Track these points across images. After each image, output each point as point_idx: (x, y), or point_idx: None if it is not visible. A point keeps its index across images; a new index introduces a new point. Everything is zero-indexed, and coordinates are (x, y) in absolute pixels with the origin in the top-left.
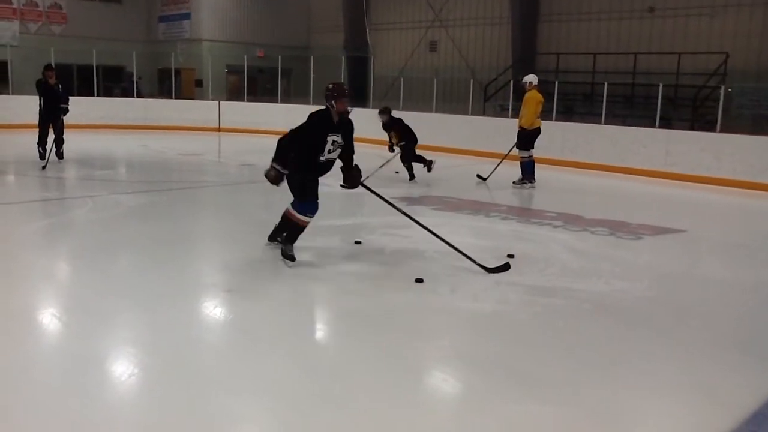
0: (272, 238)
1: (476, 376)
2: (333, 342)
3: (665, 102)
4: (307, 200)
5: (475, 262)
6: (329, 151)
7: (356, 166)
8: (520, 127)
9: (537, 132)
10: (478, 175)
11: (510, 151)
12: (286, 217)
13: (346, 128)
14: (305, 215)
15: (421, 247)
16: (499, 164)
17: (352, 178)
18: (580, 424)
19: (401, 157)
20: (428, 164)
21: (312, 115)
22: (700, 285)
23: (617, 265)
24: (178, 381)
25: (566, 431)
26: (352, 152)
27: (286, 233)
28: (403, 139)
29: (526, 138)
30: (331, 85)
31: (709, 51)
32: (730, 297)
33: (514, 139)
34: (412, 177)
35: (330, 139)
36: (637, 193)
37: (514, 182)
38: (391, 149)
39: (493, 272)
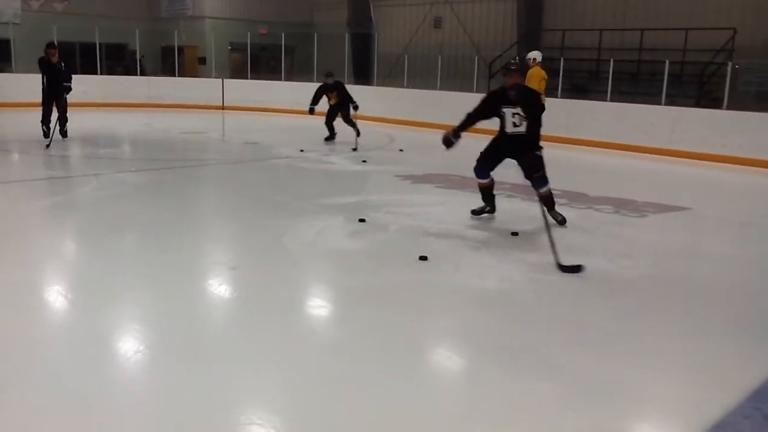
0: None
1: (480, 354)
2: (337, 319)
3: (671, 79)
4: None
5: (555, 255)
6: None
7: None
8: None
9: (542, 109)
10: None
11: None
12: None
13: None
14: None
15: (425, 224)
16: None
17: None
18: (583, 401)
19: (345, 117)
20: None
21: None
22: (705, 263)
23: (622, 242)
24: (184, 358)
25: (569, 408)
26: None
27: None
28: (347, 100)
29: None
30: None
31: (717, 27)
32: (735, 275)
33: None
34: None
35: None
36: (642, 170)
37: None
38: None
39: (566, 271)
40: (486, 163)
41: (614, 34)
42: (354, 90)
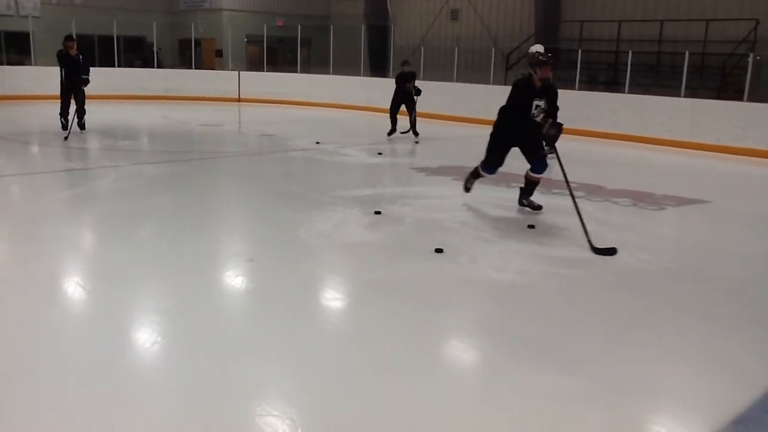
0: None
1: (496, 347)
2: (353, 311)
3: (692, 71)
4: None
5: (588, 237)
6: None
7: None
8: None
9: None
10: None
11: None
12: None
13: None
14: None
15: (441, 217)
16: None
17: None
18: (599, 395)
19: (411, 110)
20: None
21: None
22: (724, 257)
23: (640, 235)
24: (201, 348)
25: (585, 402)
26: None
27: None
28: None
29: None
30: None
31: (739, 18)
32: (754, 269)
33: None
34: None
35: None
36: (661, 163)
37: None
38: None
39: (600, 254)
40: (496, 163)
41: (633, 26)
42: (370, 82)
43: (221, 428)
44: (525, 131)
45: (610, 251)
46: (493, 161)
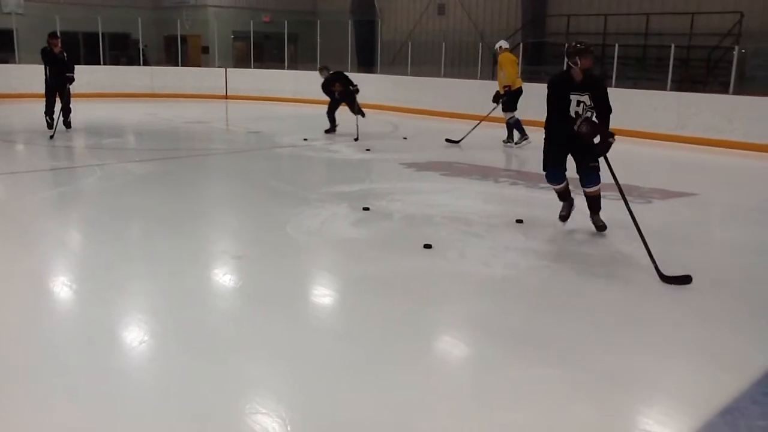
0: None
1: (487, 341)
2: (343, 307)
3: (678, 64)
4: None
5: (655, 264)
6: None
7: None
8: (507, 87)
9: (520, 92)
10: (447, 139)
11: (489, 113)
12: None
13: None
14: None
15: (429, 212)
16: (474, 127)
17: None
18: (591, 387)
19: (353, 107)
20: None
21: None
22: (712, 248)
23: (627, 229)
24: (189, 347)
25: (577, 395)
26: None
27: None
28: (349, 85)
29: (512, 98)
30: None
31: (724, 11)
32: (742, 260)
33: (523, 104)
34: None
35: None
36: (647, 156)
37: (515, 142)
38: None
39: (671, 282)
40: (556, 166)
41: (620, 19)
42: (357, 77)
43: (210, 427)
44: (569, 133)
45: (685, 280)
46: (546, 169)
